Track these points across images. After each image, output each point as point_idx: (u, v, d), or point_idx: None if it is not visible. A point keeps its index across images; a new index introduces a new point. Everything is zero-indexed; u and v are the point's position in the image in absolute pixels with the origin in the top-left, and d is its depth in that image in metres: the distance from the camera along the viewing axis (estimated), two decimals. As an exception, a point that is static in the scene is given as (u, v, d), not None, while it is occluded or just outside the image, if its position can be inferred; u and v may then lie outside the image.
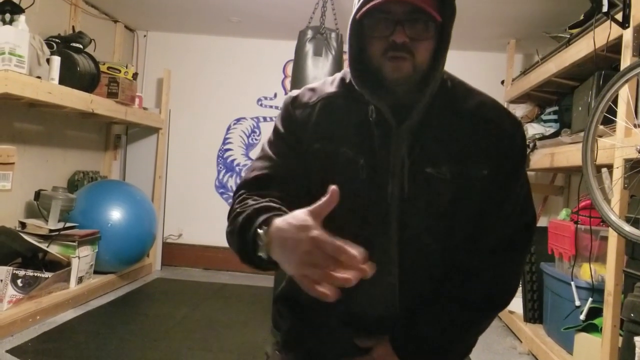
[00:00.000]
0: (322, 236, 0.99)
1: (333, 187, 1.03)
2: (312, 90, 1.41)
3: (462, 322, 1.33)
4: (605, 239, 2.77)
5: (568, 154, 3.26)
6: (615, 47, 2.72)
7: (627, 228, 2.24)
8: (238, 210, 1.25)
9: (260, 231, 1.11)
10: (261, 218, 1.14)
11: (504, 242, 1.34)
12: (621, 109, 2.49)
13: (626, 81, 2.32)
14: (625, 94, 2.44)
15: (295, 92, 1.43)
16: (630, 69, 2.29)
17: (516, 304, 4.01)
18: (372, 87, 1.28)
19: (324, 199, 1.03)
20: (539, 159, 3.87)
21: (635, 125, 2.43)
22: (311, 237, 0.99)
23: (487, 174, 1.29)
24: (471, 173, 1.28)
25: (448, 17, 1.24)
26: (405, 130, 1.27)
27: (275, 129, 1.42)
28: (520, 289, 3.89)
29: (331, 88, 1.40)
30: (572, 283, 3.12)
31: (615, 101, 2.46)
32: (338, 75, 1.41)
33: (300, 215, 1.05)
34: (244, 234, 1.18)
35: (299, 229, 1.02)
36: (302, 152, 1.34)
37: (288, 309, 1.45)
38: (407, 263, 1.30)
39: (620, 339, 2.45)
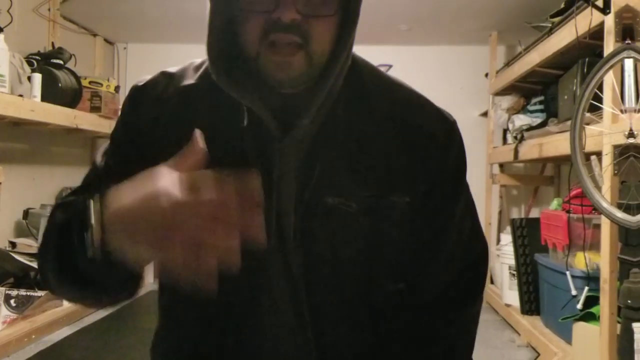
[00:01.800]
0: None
1: (197, 130, 0.73)
2: (169, 77, 1.03)
3: None
4: (598, 226, 2.77)
5: (556, 143, 3.25)
6: (597, 33, 2.72)
7: (620, 214, 2.24)
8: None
9: (91, 201, 0.75)
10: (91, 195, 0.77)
11: (446, 291, 1.01)
12: (607, 96, 2.48)
13: (610, 67, 2.32)
14: (610, 80, 2.43)
15: (144, 80, 1.05)
16: (613, 55, 2.28)
17: (513, 297, 4.01)
18: (244, 86, 0.91)
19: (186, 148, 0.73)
20: (528, 150, 3.87)
21: (621, 111, 2.42)
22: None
23: (409, 201, 0.96)
24: (389, 201, 0.95)
25: None
26: (294, 143, 0.92)
27: (113, 132, 1.05)
28: (516, 282, 3.89)
29: (192, 78, 1.01)
30: (568, 273, 3.11)
31: (600, 88, 2.46)
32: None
33: (159, 169, 0.72)
34: (64, 221, 0.83)
35: (165, 176, 0.70)
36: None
37: None
38: (323, 331, 0.96)
39: (619, 326, 2.45)
